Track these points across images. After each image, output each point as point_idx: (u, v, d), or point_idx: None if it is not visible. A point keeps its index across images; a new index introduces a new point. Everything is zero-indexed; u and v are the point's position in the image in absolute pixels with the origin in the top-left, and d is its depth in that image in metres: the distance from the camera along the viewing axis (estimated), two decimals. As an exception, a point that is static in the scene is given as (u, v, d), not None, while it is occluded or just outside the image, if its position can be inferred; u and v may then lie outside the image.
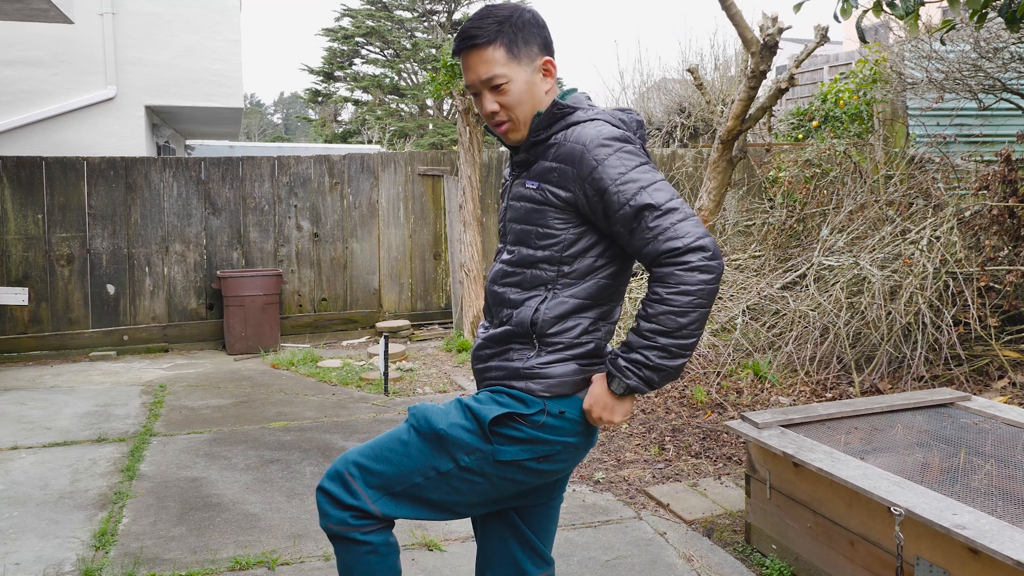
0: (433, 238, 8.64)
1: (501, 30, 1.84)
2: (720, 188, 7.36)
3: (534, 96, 1.88)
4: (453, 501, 1.87)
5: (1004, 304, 5.22)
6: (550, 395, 1.84)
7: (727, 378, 5.41)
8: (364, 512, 1.83)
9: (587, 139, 1.79)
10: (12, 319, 7.35)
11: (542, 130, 1.87)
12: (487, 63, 1.84)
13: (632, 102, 13.04)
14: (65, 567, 3.15)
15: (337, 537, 1.86)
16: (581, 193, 1.79)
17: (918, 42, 7.23)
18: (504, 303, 1.90)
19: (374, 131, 24.41)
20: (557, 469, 1.90)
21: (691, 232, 1.71)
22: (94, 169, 7.55)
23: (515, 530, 2.02)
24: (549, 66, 1.90)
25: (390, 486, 1.84)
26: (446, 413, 1.86)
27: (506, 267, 1.92)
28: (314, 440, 4.77)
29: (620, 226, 1.77)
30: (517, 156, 1.93)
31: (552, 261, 1.85)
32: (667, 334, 1.73)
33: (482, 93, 1.88)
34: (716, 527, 3.43)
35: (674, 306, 1.71)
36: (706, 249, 1.71)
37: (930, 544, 2.31)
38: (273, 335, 7.75)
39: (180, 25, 9.53)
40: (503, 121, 1.89)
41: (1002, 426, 3.11)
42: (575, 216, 1.83)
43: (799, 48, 12.26)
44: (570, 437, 1.87)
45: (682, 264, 1.71)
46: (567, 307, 1.84)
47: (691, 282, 1.70)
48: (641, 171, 1.77)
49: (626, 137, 1.82)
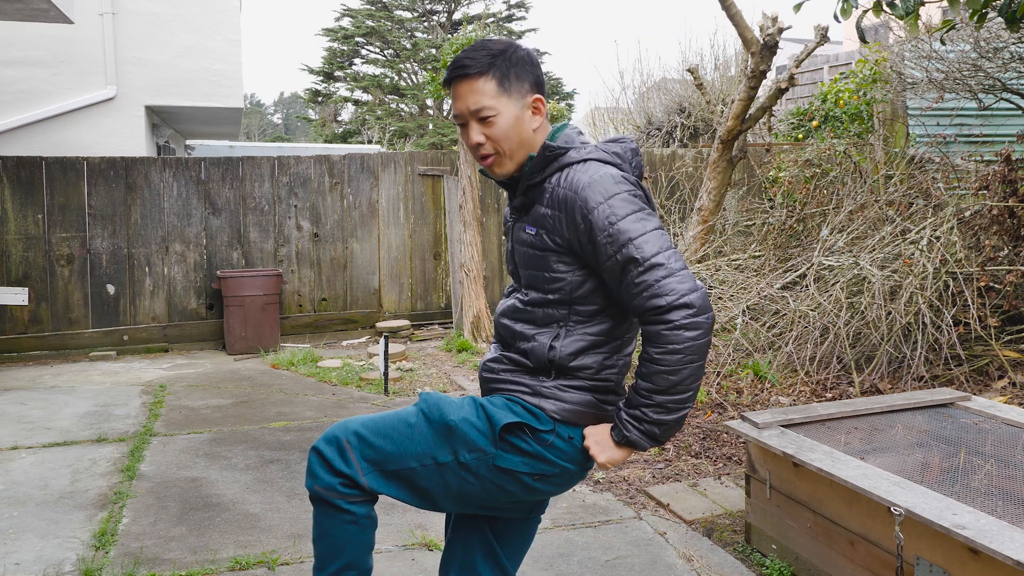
0: (433, 238, 8.64)
1: (494, 63, 1.84)
2: (720, 188, 7.37)
3: (521, 132, 1.87)
4: (439, 493, 1.87)
5: (1004, 304, 5.22)
6: (560, 419, 1.84)
7: (727, 378, 5.41)
8: (354, 482, 1.83)
9: (579, 186, 1.78)
10: (12, 319, 7.35)
11: (536, 173, 1.86)
12: (477, 94, 1.84)
13: (632, 102, 13.04)
14: (65, 567, 3.15)
15: (321, 500, 1.85)
16: (575, 239, 1.80)
17: (918, 42, 7.23)
18: (517, 337, 1.91)
19: (374, 131, 24.42)
20: (548, 490, 1.92)
21: (675, 289, 1.70)
22: (94, 169, 7.55)
23: (483, 540, 2.03)
24: (539, 104, 1.90)
25: (384, 463, 1.84)
26: (459, 407, 1.87)
27: (519, 304, 1.93)
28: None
29: (608, 276, 1.79)
30: (515, 200, 1.93)
31: (563, 303, 1.86)
32: (661, 392, 1.74)
33: (469, 124, 1.87)
34: (716, 527, 3.43)
35: (665, 366, 1.72)
36: (691, 306, 1.70)
37: (930, 544, 2.31)
38: (273, 335, 7.75)
39: (180, 25, 9.53)
40: (488, 154, 1.88)
41: (1002, 426, 3.11)
42: (576, 259, 1.83)
43: (799, 48, 12.24)
44: (571, 464, 1.88)
45: (666, 323, 1.70)
46: (583, 344, 1.85)
47: (677, 341, 1.70)
48: (630, 221, 1.75)
49: (621, 178, 1.81)
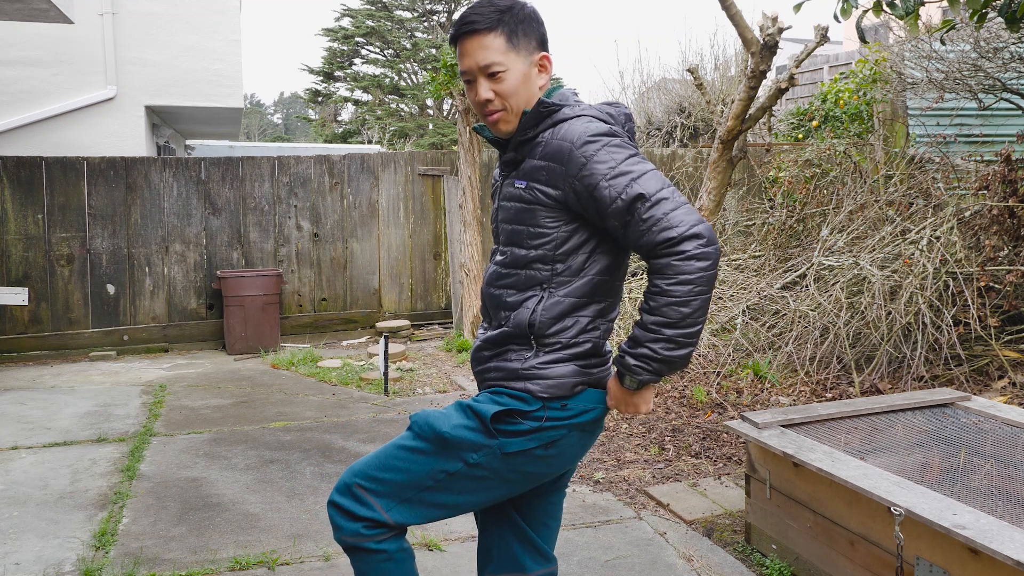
0: (433, 238, 8.64)
1: (502, 19, 1.84)
2: (720, 188, 7.36)
3: (529, 89, 1.87)
4: (464, 500, 1.88)
5: (1004, 304, 5.22)
6: (548, 396, 1.84)
7: (727, 378, 5.41)
8: (376, 522, 1.83)
9: (574, 136, 1.79)
10: (12, 319, 7.35)
11: (529, 129, 1.86)
12: (486, 49, 1.83)
13: (632, 102, 13.04)
14: (65, 567, 3.15)
15: (352, 548, 1.86)
16: (571, 190, 1.79)
17: (918, 42, 7.23)
18: (500, 305, 1.90)
19: (374, 131, 24.41)
20: (565, 455, 1.90)
21: (684, 220, 1.71)
22: (94, 169, 7.55)
23: (514, 526, 2.03)
24: (545, 62, 1.90)
25: (400, 493, 1.85)
26: (447, 416, 1.87)
27: (500, 268, 1.92)
28: (314, 440, 4.77)
29: (614, 220, 1.77)
30: (505, 155, 1.93)
31: (545, 260, 1.85)
32: (672, 325, 1.74)
33: (477, 80, 1.86)
34: (716, 527, 3.43)
35: (675, 296, 1.72)
36: (701, 236, 1.71)
37: (930, 544, 2.31)
38: (273, 335, 7.75)
39: (180, 25, 9.53)
40: (497, 110, 1.87)
41: (1002, 426, 3.11)
42: (566, 213, 1.83)
43: (799, 48, 12.25)
44: (575, 419, 1.87)
45: (678, 254, 1.71)
46: (564, 306, 1.85)
47: (689, 271, 1.71)
48: (630, 163, 1.76)
49: (612, 131, 1.82)
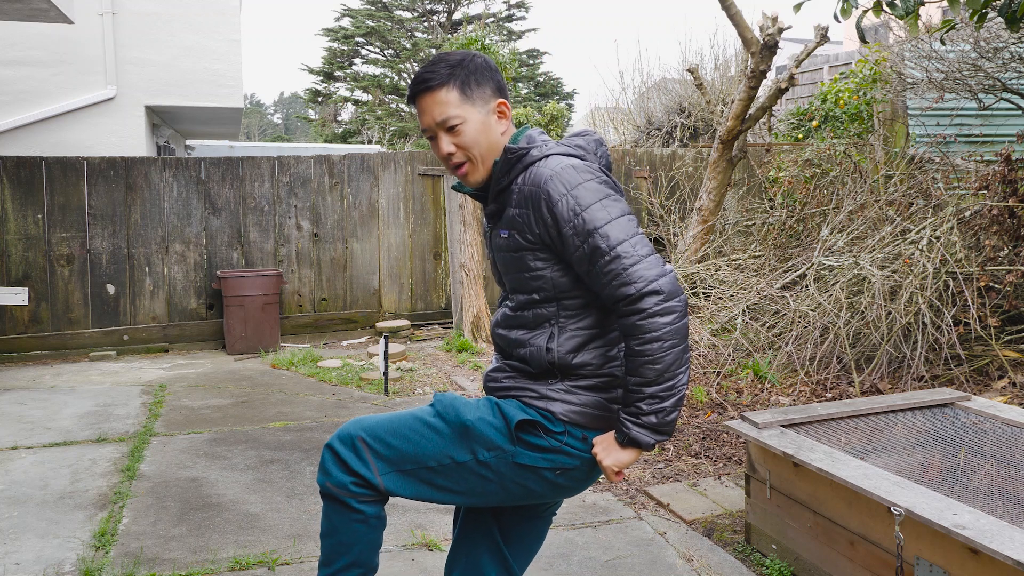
0: (433, 238, 8.64)
1: (453, 73, 1.85)
2: (720, 188, 7.37)
3: (489, 137, 1.87)
4: (459, 490, 1.88)
5: (1004, 304, 5.22)
6: (568, 420, 1.84)
7: (727, 378, 5.41)
8: (367, 481, 1.83)
9: (542, 179, 1.78)
10: (12, 319, 7.35)
11: (502, 177, 1.87)
12: (441, 104, 1.84)
13: (632, 102, 13.04)
14: (65, 567, 3.15)
15: (331, 497, 1.85)
16: (545, 234, 1.79)
17: (918, 42, 7.23)
18: (514, 344, 1.91)
19: (374, 131, 24.41)
20: (569, 485, 1.91)
21: (643, 276, 1.70)
22: (94, 169, 7.55)
23: (490, 540, 2.03)
24: (503, 108, 1.90)
25: (401, 463, 1.84)
26: (476, 407, 1.87)
27: (508, 312, 1.93)
28: (314, 440, 4.77)
29: (578, 267, 1.78)
30: (488, 208, 1.93)
31: (549, 300, 1.85)
32: (650, 383, 1.73)
33: (438, 136, 1.87)
34: (716, 527, 3.43)
35: (647, 356, 1.71)
36: (660, 292, 1.69)
37: (930, 544, 2.31)
38: (273, 335, 7.75)
39: (180, 25, 9.53)
40: (461, 162, 1.88)
41: (1002, 426, 3.11)
42: (552, 253, 1.82)
43: (799, 48, 12.24)
44: (590, 455, 1.87)
45: (638, 313, 1.70)
46: (579, 340, 1.84)
47: (654, 328, 1.69)
48: (595, 209, 1.74)
49: (583, 167, 1.80)
